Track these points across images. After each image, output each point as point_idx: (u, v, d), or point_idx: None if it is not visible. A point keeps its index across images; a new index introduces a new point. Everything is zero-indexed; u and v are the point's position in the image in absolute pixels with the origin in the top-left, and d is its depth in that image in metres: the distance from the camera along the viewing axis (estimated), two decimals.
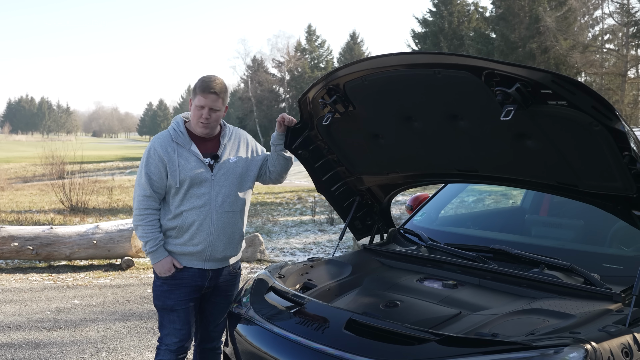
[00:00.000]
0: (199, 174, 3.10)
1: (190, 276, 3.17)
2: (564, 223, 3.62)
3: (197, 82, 3.12)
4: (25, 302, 6.31)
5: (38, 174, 26.09)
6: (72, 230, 8.02)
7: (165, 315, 3.20)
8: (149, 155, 3.11)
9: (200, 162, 3.12)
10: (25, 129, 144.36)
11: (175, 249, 3.15)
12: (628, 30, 28.33)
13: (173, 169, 3.07)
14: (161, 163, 3.08)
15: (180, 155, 3.10)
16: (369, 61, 2.74)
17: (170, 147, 3.10)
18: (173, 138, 3.12)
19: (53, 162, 16.75)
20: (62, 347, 4.97)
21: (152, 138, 3.16)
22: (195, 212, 3.10)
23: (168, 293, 3.16)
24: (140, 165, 3.14)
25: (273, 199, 17.00)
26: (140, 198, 3.10)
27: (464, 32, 37.73)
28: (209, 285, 3.23)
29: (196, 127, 3.14)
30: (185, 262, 3.16)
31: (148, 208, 3.10)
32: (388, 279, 3.20)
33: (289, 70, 54.86)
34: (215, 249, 3.16)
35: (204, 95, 3.06)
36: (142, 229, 3.11)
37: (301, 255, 8.96)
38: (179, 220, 3.12)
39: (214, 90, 3.06)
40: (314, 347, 2.44)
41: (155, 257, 3.12)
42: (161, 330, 3.24)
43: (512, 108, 2.33)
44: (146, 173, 3.09)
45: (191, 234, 3.12)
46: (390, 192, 3.69)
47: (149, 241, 3.10)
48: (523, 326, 2.41)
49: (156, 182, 3.09)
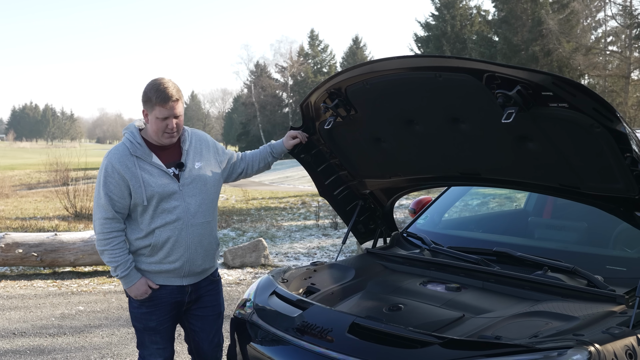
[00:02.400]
0: (166, 187, 2.86)
1: (169, 294, 2.98)
2: (567, 225, 3.61)
3: (150, 91, 2.80)
4: (30, 309, 6.32)
5: (42, 180, 26.16)
6: (77, 236, 8.03)
7: (147, 336, 3.02)
8: (106, 173, 2.83)
9: (165, 174, 2.88)
10: (29, 136, 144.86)
11: (149, 267, 2.93)
12: (631, 32, 28.27)
13: (137, 185, 2.82)
14: (122, 181, 2.82)
15: (142, 169, 2.84)
16: (370, 65, 2.76)
17: (130, 161, 2.84)
18: (131, 152, 2.85)
19: (57, 168, 16.81)
20: (66, 353, 4.98)
21: (106, 153, 2.91)
22: (169, 227, 2.88)
23: (148, 315, 2.98)
24: (97, 185, 2.87)
25: (277, 204, 17.00)
26: (102, 221, 2.85)
27: (467, 35, 37.75)
28: (190, 299, 3.06)
29: (162, 139, 2.87)
30: (162, 280, 2.96)
31: (113, 231, 2.86)
32: (391, 283, 3.19)
33: (292, 75, 55.02)
34: (194, 263, 2.97)
35: (165, 106, 2.78)
36: (109, 253, 2.87)
37: (305, 260, 8.96)
38: (152, 239, 2.89)
39: (175, 98, 2.80)
40: (317, 352, 2.45)
41: (128, 281, 2.91)
42: (141, 349, 3.07)
43: (513, 110, 2.34)
44: (105, 193, 2.82)
45: (167, 251, 2.90)
46: (393, 196, 3.70)
47: (119, 266, 2.87)
48: (526, 329, 2.40)
49: (118, 202, 2.84)
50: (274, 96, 54.96)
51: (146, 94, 2.82)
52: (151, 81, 2.86)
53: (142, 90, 2.85)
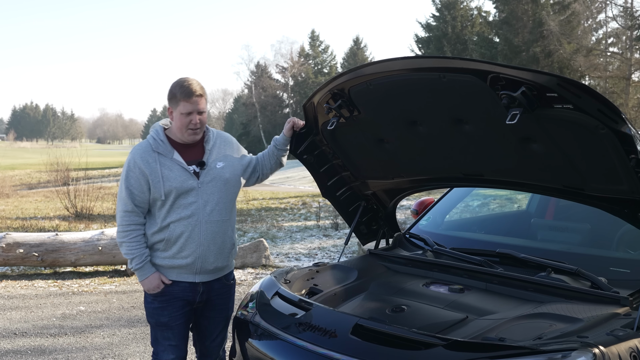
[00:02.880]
0: (184, 183, 2.95)
1: (181, 290, 3.03)
2: (570, 227, 3.60)
3: (174, 88, 2.95)
4: (31, 309, 6.32)
5: (43, 180, 26.17)
6: (77, 236, 8.03)
7: (159, 332, 3.08)
8: (128, 168, 2.96)
9: (185, 170, 2.97)
10: (30, 136, 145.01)
11: (163, 262, 3.01)
12: (632, 33, 28.26)
13: (156, 180, 2.93)
14: (142, 176, 2.93)
15: (162, 165, 2.95)
16: (374, 66, 2.75)
17: (151, 157, 2.95)
18: (153, 148, 2.97)
19: (58, 168, 16.80)
20: (67, 353, 4.97)
21: (131, 149, 3.06)
22: (183, 223, 2.96)
23: (160, 310, 3.04)
24: (121, 179, 3.00)
25: (277, 205, 17.00)
26: (122, 214, 2.96)
27: (468, 36, 37.76)
28: (201, 299, 3.09)
29: (185, 135, 2.97)
30: (175, 276, 3.03)
31: (131, 224, 2.96)
32: (394, 284, 3.19)
33: (293, 76, 55.01)
34: (206, 260, 3.02)
35: (189, 101, 2.90)
36: (127, 245, 2.97)
37: (306, 261, 8.95)
38: (166, 233, 2.97)
39: (198, 93, 2.92)
40: (320, 353, 2.44)
41: (142, 274, 2.99)
42: (155, 346, 3.12)
43: (517, 112, 2.33)
44: (127, 187, 2.94)
45: (180, 246, 2.98)
46: (395, 197, 3.69)
47: (135, 258, 2.97)
48: (530, 330, 2.40)
49: (138, 196, 2.94)
50: (275, 97, 54.96)
51: (171, 92, 2.96)
52: (176, 80, 3.00)
53: (168, 90, 2.99)
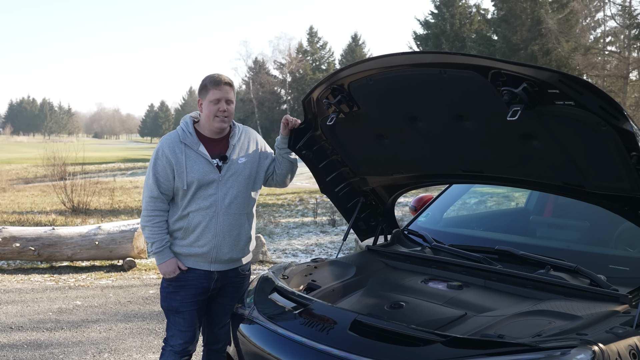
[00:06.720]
0: (206, 175, 3.08)
1: (196, 277, 3.15)
2: (569, 224, 3.60)
3: (205, 79, 3.12)
4: (27, 303, 6.30)
5: (39, 175, 26.09)
6: (74, 231, 8.01)
7: (171, 317, 3.20)
8: (157, 156, 3.11)
9: (209, 163, 3.10)
10: (26, 130, 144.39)
11: (181, 250, 3.14)
12: (630, 32, 28.26)
13: (180, 170, 3.06)
14: (168, 165, 3.07)
15: (187, 156, 3.09)
16: (374, 61, 2.73)
17: (178, 148, 3.09)
18: (181, 139, 3.11)
19: (54, 163, 16.77)
20: (64, 347, 4.95)
21: (161, 138, 3.17)
22: (202, 213, 3.09)
23: (173, 294, 3.15)
24: (149, 166, 3.15)
25: (275, 201, 16.98)
26: (148, 199, 3.11)
27: (466, 34, 37.69)
28: (215, 286, 3.20)
29: (213, 123, 3.10)
30: (191, 263, 3.15)
31: (156, 209, 3.11)
32: (393, 280, 3.18)
33: (291, 72, 54.88)
34: (221, 250, 3.14)
35: (218, 88, 3.06)
36: (149, 229, 3.12)
37: (303, 257, 8.95)
38: (185, 222, 3.11)
39: (227, 82, 3.09)
40: (318, 348, 2.43)
41: (161, 258, 3.13)
42: (167, 331, 3.23)
43: (518, 108, 2.32)
44: (154, 174, 3.09)
45: (197, 235, 3.11)
46: (394, 193, 3.68)
47: (155, 242, 3.11)
48: (529, 327, 2.39)
49: (163, 183, 3.09)
50: (273, 93, 54.79)
51: (202, 83, 3.13)
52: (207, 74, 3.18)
53: (198, 86, 3.16)
